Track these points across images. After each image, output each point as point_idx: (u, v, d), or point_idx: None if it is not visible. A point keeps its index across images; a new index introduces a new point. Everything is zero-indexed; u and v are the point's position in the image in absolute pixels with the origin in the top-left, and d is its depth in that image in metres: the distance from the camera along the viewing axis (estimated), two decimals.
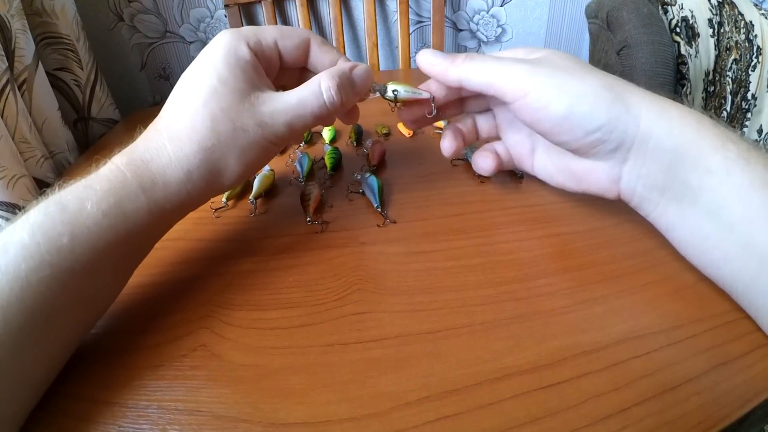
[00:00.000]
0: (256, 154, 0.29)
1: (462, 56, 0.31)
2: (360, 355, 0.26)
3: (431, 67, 0.32)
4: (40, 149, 0.62)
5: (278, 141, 0.30)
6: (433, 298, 0.29)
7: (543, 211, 0.37)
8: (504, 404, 0.23)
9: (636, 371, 0.24)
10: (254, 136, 0.28)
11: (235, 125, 0.28)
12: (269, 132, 0.29)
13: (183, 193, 0.28)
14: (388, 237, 0.35)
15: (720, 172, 0.25)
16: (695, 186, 0.26)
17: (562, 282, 0.30)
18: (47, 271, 0.23)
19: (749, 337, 0.26)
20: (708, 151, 0.26)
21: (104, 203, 0.25)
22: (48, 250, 0.23)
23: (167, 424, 0.23)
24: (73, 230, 0.24)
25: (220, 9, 1.00)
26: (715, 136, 0.26)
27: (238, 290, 0.31)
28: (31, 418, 0.24)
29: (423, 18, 1.07)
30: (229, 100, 0.28)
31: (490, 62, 0.30)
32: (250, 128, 0.28)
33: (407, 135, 0.52)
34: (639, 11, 0.87)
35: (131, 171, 0.26)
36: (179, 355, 0.27)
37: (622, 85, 0.28)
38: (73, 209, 0.24)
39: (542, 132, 0.30)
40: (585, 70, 0.29)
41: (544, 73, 0.29)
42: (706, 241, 0.27)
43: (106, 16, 0.97)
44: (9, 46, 0.60)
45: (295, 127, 0.29)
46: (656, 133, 0.27)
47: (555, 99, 0.28)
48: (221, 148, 0.28)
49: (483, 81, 0.30)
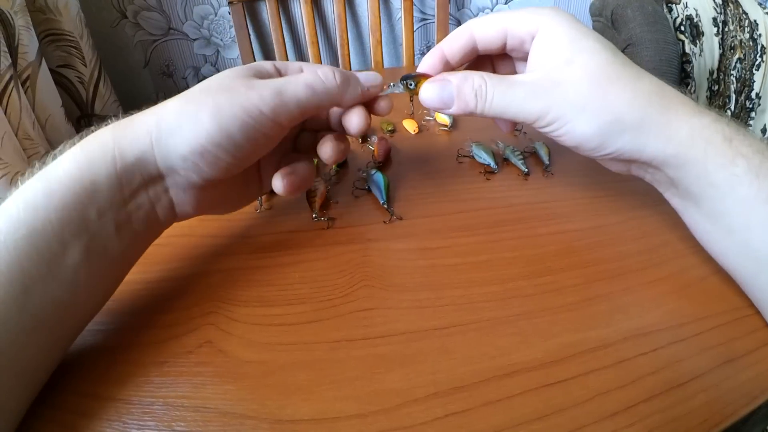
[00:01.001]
0: (235, 114, 0.26)
1: (472, 98, 0.29)
2: (367, 351, 0.26)
3: (441, 110, 0.31)
4: (44, 145, 0.62)
5: (269, 113, 0.26)
6: (440, 295, 0.29)
7: (548, 208, 0.37)
8: (511, 401, 0.23)
9: (642, 368, 0.24)
10: (237, 96, 0.26)
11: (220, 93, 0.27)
12: (256, 95, 0.26)
13: (143, 145, 0.26)
14: (394, 233, 0.35)
15: (723, 187, 0.26)
16: (698, 194, 0.27)
17: (568, 279, 0.30)
18: (22, 231, 0.23)
19: (756, 334, 0.26)
20: (713, 169, 0.26)
21: (73, 154, 0.25)
22: (25, 209, 0.23)
23: (173, 420, 0.23)
24: (47, 185, 0.24)
25: (223, 6, 1.00)
26: (722, 154, 0.26)
27: (244, 286, 0.31)
28: (36, 415, 0.24)
29: (427, 15, 1.06)
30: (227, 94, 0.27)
31: (507, 101, 0.29)
32: (236, 88, 0.26)
33: (412, 132, 0.52)
34: (644, 9, 0.86)
35: (110, 131, 0.26)
36: (185, 352, 0.27)
37: (638, 111, 0.27)
38: (49, 167, 0.25)
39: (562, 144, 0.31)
40: (611, 79, 0.27)
41: (562, 102, 0.28)
42: (707, 236, 0.29)
43: (110, 13, 0.97)
44: (12, 43, 0.60)
45: (285, 97, 0.27)
46: (661, 157, 0.27)
47: (571, 130, 0.28)
48: (194, 99, 0.27)
49: (500, 116, 0.30)
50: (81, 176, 0.24)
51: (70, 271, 0.24)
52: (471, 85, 0.29)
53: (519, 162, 0.42)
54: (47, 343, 0.24)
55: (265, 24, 1.01)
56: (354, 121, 0.31)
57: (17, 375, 0.23)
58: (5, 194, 0.25)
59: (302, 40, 1.05)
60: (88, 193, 0.24)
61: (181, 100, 0.27)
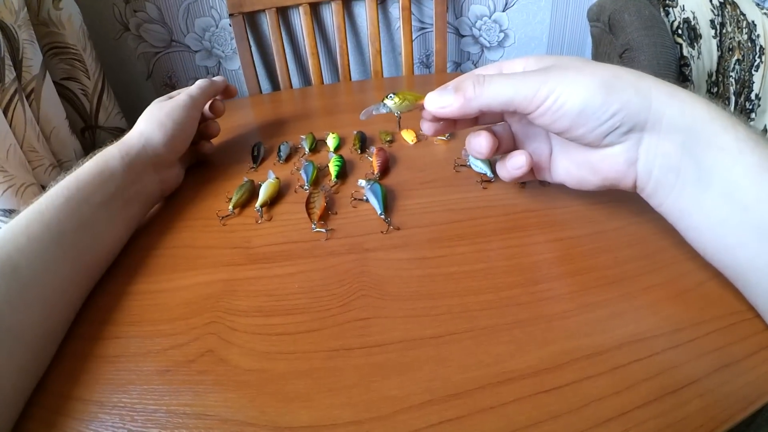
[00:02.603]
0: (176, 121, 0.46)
1: (470, 86, 0.31)
2: (364, 359, 0.26)
3: (445, 110, 0.32)
4: (48, 158, 0.63)
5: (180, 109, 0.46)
6: (436, 304, 0.30)
7: (544, 216, 0.37)
8: (506, 408, 0.23)
9: (638, 374, 0.24)
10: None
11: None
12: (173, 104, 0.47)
13: (139, 145, 0.42)
14: (391, 243, 0.36)
15: (733, 150, 0.26)
16: (709, 165, 0.27)
17: (564, 286, 0.30)
18: (61, 200, 0.34)
19: (752, 339, 0.26)
20: (719, 130, 0.26)
21: (94, 163, 0.38)
22: (59, 189, 0.35)
23: (175, 427, 0.24)
24: (78, 175, 0.37)
25: (224, 18, 1.01)
26: (725, 117, 0.27)
27: (244, 297, 0.32)
28: (38, 419, 0.24)
29: (426, 24, 1.07)
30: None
31: (502, 83, 0.30)
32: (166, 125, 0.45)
33: (410, 142, 0.52)
34: (641, 14, 0.87)
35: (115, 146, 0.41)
36: (187, 361, 0.27)
37: (630, 73, 0.29)
38: (76, 171, 0.37)
39: (560, 130, 0.31)
40: (593, 65, 0.30)
41: (555, 76, 0.29)
42: (722, 225, 0.27)
43: (112, 25, 0.98)
44: (17, 57, 0.61)
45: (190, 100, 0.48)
46: (668, 113, 0.28)
47: (569, 98, 0.29)
48: (150, 128, 0.44)
49: (500, 102, 0.31)
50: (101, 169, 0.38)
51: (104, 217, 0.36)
52: (469, 76, 0.32)
53: None
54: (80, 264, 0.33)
55: (265, 35, 1.02)
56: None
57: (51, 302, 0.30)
58: (11, 206, 0.27)
59: (302, 50, 1.06)
60: (105, 178, 0.38)
61: (145, 121, 0.46)
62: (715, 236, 0.28)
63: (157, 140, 0.43)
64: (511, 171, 0.35)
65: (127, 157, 0.40)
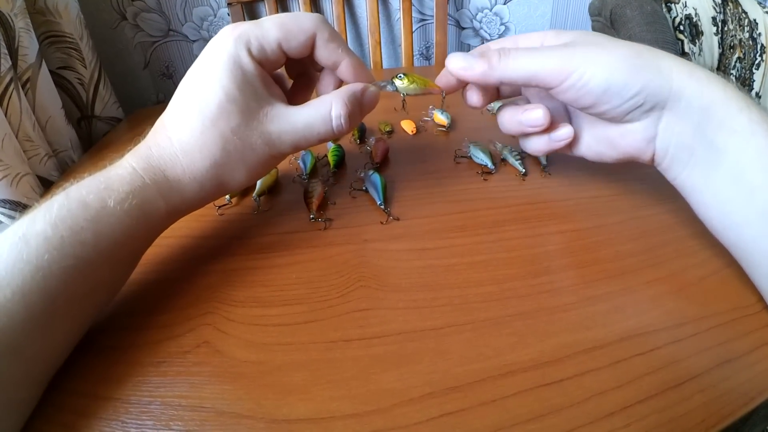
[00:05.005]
0: (262, 166, 0.31)
1: (495, 55, 0.31)
2: (363, 351, 0.26)
3: (466, 71, 0.32)
4: (44, 147, 0.62)
5: (282, 157, 0.32)
6: (436, 295, 0.29)
7: (546, 208, 0.37)
8: (507, 401, 0.23)
9: (639, 368, 0.24)
10: (261, 154, 0.30)
11: (244, 144, 0.29)
12: (276, 150, 0.31)
13: (196, 199, 0.31)
14: (391, 234, 0.35)
15: (745, 133, 0.26)
16: (721, 146, 0.27)
17: (566, 279, 0.30)
18: (70, 261, 0.24)
19: (754, 334, 0.26)
20: (734, 111, 0.27)
21: (126, 203, 0.27)
22: (71, 243, 0.24)
23: (170, 420, 0.23)
24: (97, 227, 0.25)
25: (223, 7, 1.00)
26: (740, 98, 0.27)
27: (240, 287, 0.31)
28: (34, 414, 0.24)
29: (426, 16, 1.06)
30: (239, 119, 0.29)
31: (527, 56, 0.30)
32: (258, 147, 0.30)
33: (410, 132, 0.52)
34: (642, 9, 0.86)
35: (149, 177, 0.28)
36: (182, 352, 0.27)
37: (651, 51, 0.30)
38: (95, 207, 0.26)
39: (583, 106, 0.31)
40: (614, 43, 0.30)
41: (580, 53, 0.29)
42: (728, 204, 0.28)
43: (109, 14, 0.97)
44: (12, 45, 0.60)
45: (300, 146, 0.31)
46: (687, 93, 0.28)
47: (594, 75, 0.29)
48: (231, 164, 0.30)
49: (524, 76, 0.30)
50: (137, 230, 0.28)
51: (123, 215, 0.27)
52: (496, 45, 0.32)
53: (516, 162, 0.42)
54: (73, 330, 0.26)
55: None
56: None
57: (43, 368, 0.25)
58: (6, 196, 0.26)
59: None
60: (141, 235, 0.29)
61: (212, 162, 0.29)
62: (722, 214, 0.28)
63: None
64: (553, 143, 0.35)
65: (174, 211, 0.30)
